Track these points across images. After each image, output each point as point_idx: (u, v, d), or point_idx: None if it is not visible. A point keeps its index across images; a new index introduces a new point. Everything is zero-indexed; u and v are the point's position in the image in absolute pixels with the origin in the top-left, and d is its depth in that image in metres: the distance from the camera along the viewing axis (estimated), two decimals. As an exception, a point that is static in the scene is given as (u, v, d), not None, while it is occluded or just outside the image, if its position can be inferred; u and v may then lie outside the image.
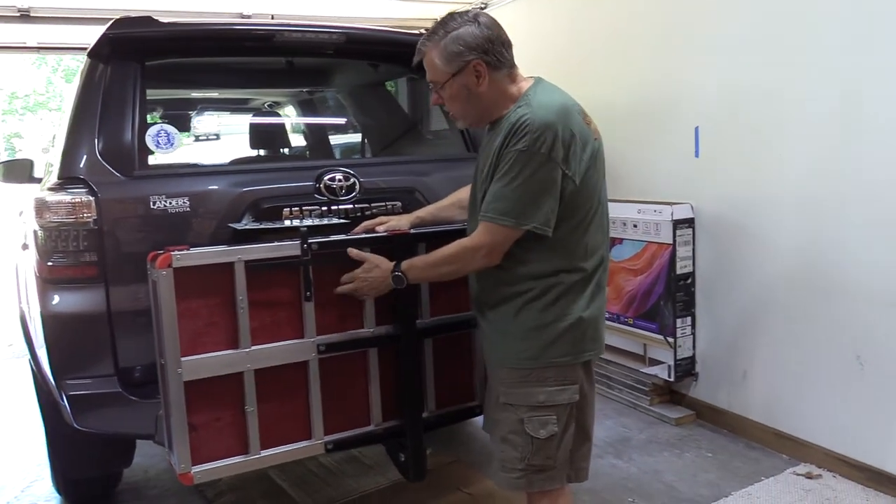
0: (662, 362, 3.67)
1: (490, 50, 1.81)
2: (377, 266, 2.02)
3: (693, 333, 3.63)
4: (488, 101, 1.85)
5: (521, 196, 1.73)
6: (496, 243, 1.79)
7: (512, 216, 1.74)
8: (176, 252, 1.89)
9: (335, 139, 4.65)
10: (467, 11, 1.84)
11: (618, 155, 4.04)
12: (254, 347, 1.99)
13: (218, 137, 4.32)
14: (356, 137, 4.30)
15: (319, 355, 2.08)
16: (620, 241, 3.84)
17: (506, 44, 1.86)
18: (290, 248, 2.03)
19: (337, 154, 4.54)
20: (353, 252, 2.06)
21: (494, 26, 1.84)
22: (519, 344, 1.85)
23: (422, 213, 2.29)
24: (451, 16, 1.84)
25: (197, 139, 5.12)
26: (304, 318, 2.06)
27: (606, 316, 3.85)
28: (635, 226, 3.74)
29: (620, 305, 3.87)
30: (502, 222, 1.76)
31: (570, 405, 1.87)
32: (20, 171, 3.36)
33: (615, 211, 3.80)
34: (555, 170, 1.73)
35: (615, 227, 3.84)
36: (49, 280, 2.30)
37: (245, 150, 4.32)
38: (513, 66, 1.88)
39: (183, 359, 1.90)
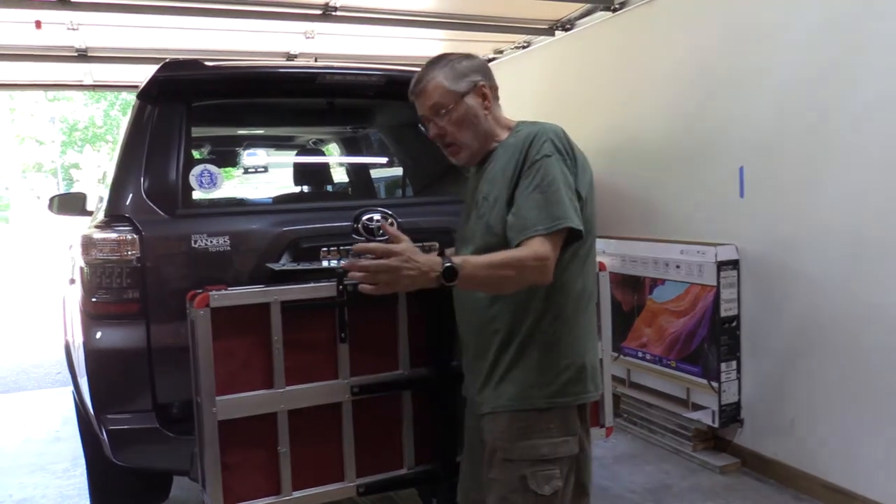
0: (706, 407, 3.58)
1: (489, 76, 1.86)
2: (423, 253, 1.65)
3: (738, 378, 3.53)
4: (489, 128, 1.84)
5: (561, 198, 1.67)
6: (555, 254, 1.66)
7: (566, 217, 1.65)
8: (214, 292, 1.92)
9: (377, 177, 4.70)
10: (457, 52, 1.88)
11: (661, 194, 4.01)
12: (288, 388, 2.00)
13: (257, 172, 4.41)
14: (398, 176, 4.33)
15: (353, 397, 2.08)
16: (662, 282, 3.78)
17: (494, 79, 1.90)
18: (326, 289, 2.04)
19: (378, 192, 4.58)
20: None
21: (485, 62, 1.90)
22: (523, 384, 1.76)
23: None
24: (445, 54, 1.87)
25: (243, 173, 5.22)
26: (339, 360, 2.06)
27: (648, 357, 3.86)
28: (678, 267, 3.67)
29: (663, 347, 3.80)
30: (562, 225, 1.65)
31: (570, 458, 1.78)
32: (73, 204, 3.48)
33: (657, 251, 3.78)
34: (572, 175, 1.72)
35: (658, 267, 3.79)
36: (93, 315, 2.35)
37: (287, 186, 4.38)
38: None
39: (218, 398, 1.92)
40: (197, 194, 2.68)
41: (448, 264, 1.60)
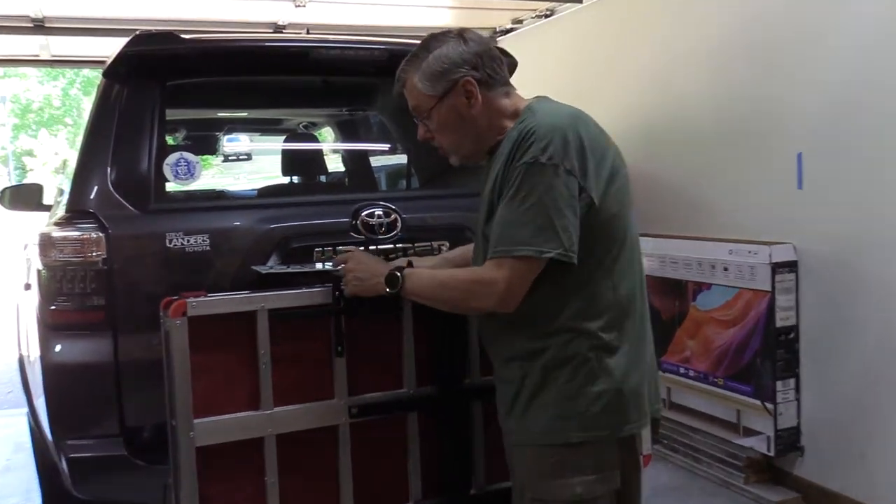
0: (760, 433, 3.57)
1: (480, 65, 1.80)
2: (377, 259, 2.00)
3: (797, 399, 3.52)
4: (483, 125, 1.83)
5: (535, 218, 1.64)
6: (514, 281, 1.67)
7: (530, 244, 1.64)
8: (192, 299, 1.93)
9: (378, 167, 4.71)
10: (450, 30, 1.84)
11: (705, 185, 4.00)
12: (276, 409, 2.01)
13: (240, 160, 4.44)
14: (401, 165, 4.35)
15: (351, 419, 2.08)
16: (709, 286, 3.77)
17: (497, 59, 1.85)
18: (321, 295, 2.05)
19: (379, 184, 4.60)
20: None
21: (483, 41, 1.85)
22: (551, 415, 1.75)
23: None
24: (433, 36, 1.85)
25: (224, 160, 5.26)
26: (335, 376, 2.07)
27: (691, 374, 3.85)
28: (726, 269, 3.67)
29: (709, 363, 3.79)
30: (520, 253, 1.65)
31: (611, 494, 1.78)
32: (28, 197, 3.51)
33: (702, 251, 3.77)
34: (570, 181, 1.65)
35: (702, 269, 3.78)
36: (51, 326, 2.38)
37: (275, 177, 4.40)
38: (509, 84, 1.87)
39: (196, 420, 1.93)
40: (172, 186, 2.70)
41: (390, 272, 1.83)
